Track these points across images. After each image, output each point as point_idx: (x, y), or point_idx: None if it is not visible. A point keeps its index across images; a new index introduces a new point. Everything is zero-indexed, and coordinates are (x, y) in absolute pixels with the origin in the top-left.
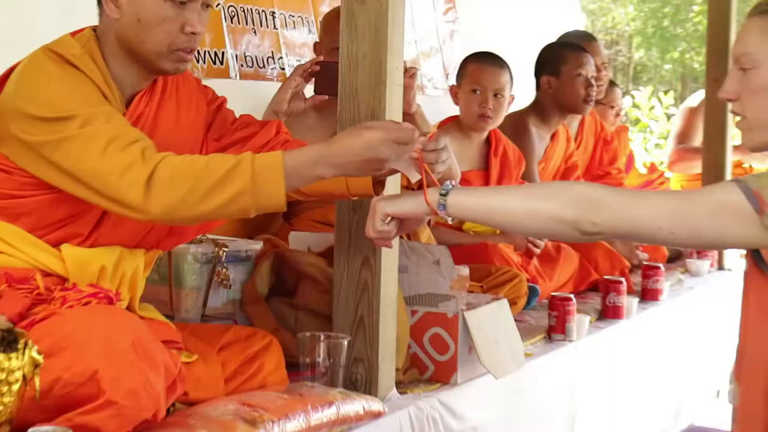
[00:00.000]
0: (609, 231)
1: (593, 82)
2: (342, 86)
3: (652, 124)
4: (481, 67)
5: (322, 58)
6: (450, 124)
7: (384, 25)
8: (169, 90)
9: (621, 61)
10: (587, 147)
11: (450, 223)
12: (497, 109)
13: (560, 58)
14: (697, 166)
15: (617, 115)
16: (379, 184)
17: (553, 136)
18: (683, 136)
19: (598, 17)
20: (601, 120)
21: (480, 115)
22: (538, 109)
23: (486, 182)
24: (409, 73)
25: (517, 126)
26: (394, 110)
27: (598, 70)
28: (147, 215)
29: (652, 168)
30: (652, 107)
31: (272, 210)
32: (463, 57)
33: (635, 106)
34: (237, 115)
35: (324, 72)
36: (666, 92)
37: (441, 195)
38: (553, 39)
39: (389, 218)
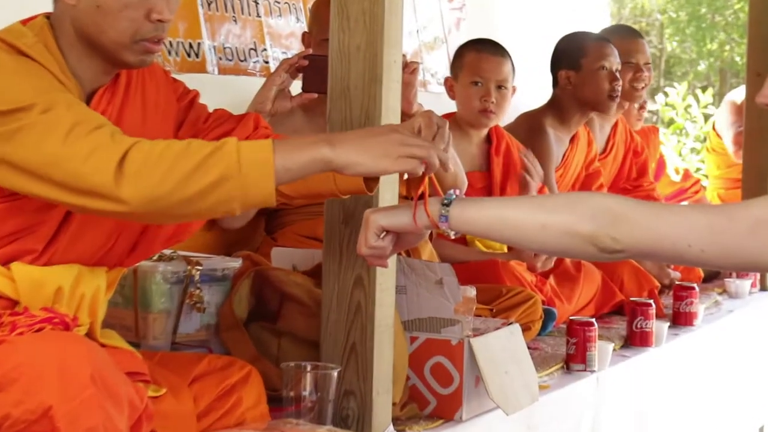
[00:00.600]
0: (632, 248)
1: (618, 75)
2: (332, 83)
3: (687, 126)
4: (481, 56)
5: (311, 51)
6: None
7: (380, 13)
8: (133, 85)
9: (651, 53)
10: (617, 157)
11: (453, 237)
12: (500, 102)
13: (580, 50)
14: None
15: (641, 109)
16: (372, 179)
17: (572, 139)
18: (738, 125)
19: (626, 4)
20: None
21: (482, 110)
22: (555, 107)
23: (488, 184)
24: (410, 68)
25: (532, 127)
26: (391, 110)
27: (640, 71)
28: (121, 204)
29: (686, 175)
30: (689, 106)
31: (261, 203)
32: None
33: (669, 105)
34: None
35: (313, 67)
36: (704, 89)
37: (443, 205)
38: (573, 28)
39: (384, 232)
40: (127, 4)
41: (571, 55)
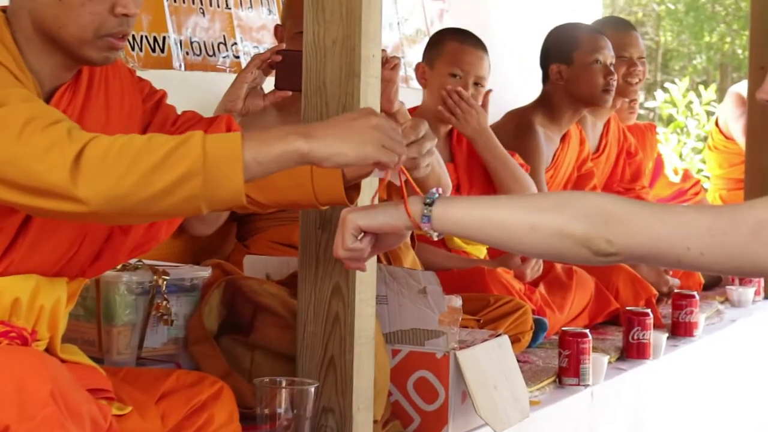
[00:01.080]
0: (627, 251)
1: (613, 69)
2: (307, 79)
3: (689, 124)
4: (463, 48)
5: (284, 45)
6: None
7: (358, 4)
8: (96, 84)
9: (647, 45)
10: (609, 157)
11: (435, 239)
12: (475, 99)
13: (572, 42)
14: None
15: (632, 102)
16: (353, 189)
17: (563, 138)
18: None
19: None
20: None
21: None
22: (546, 104)
23: (455, 176)
24: (391, 63)
25: (520, 125)
26: (369, 107)
27: (634, 65)
28: (79, 205)
29: (686, 175)
30: (690, 103)
31: (229, 201)
32: None
33: (668, 101)
34: (180, 112)
35: (287, 62)
36: (706, 85)
37: (425, 205)
38: (563, 19)
39: (362, 233)
40: None
41: (562, 48)
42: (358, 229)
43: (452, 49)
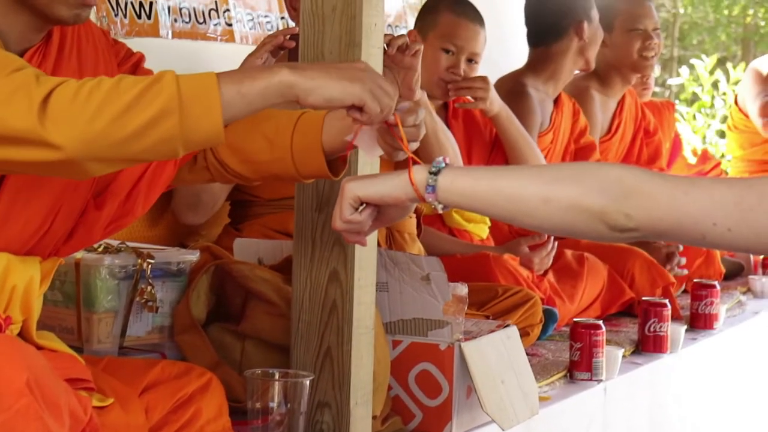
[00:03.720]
0: (647, 227)
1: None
2: (304, 49)
3: (717, 104)
4: (459, 22)
5: (297, 29)
6: None
7: None
8: (68, 45)
9: (663, 17)
10: (624, 137)
11: (440, 211)
12: (467, 76)
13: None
14: None
15: (645, 79)
16: (339, 162)
17: (556, 102)
18: (764, 95)
19: None
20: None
21: (446, 80)
22: (543, 67)
23: None
24: (411, 50)
25: (513, 89)
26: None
27: (649, 38)
28: (53, 150)
29: (704, 156)
30: (717, 81)
31: (207, 140)
32: None
33: (693, 79)
34: None
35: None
36: (734, 64)
37: (431, 174)
38: None
39: (362, 205)
40: None
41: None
42: (357, 199)
43: (446, 21)
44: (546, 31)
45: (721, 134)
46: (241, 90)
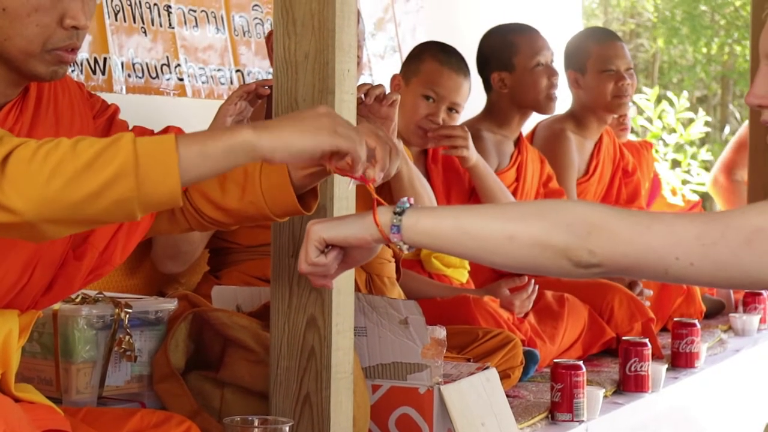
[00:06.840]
0: (610, 262)
1: (556, 70)
2: (278, 96)
3: (667, 137)
4: (441, 70)
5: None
6: None
7: (330, 16)
8: (45, 100)
9: (643, 58)
10: (603, 178)
11: (406, 252)
12: (446, 124)
13: (511, 47)
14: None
15: (622, 119)
16: (310, 196)
17: (517, 143)
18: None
19: (614, 4)
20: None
21: (423, 128)
22: (493, 112)
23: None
24: (389, 100)
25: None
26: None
27: (622, 79)
28: (10, 214)
29: (685, 200)
30: (662, 112)
31: (164, 203)
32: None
33: (639, 112)
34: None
35: None
36: (700, 99)
37: (395, 214)
38: (545, 25)
39: (328, 247)
40: (37, 8)
41: (502, 55)
42: (322, 241)
43: (430, 68)
44: (483, 80)
45: (675, 164)
46: (204, 150)
